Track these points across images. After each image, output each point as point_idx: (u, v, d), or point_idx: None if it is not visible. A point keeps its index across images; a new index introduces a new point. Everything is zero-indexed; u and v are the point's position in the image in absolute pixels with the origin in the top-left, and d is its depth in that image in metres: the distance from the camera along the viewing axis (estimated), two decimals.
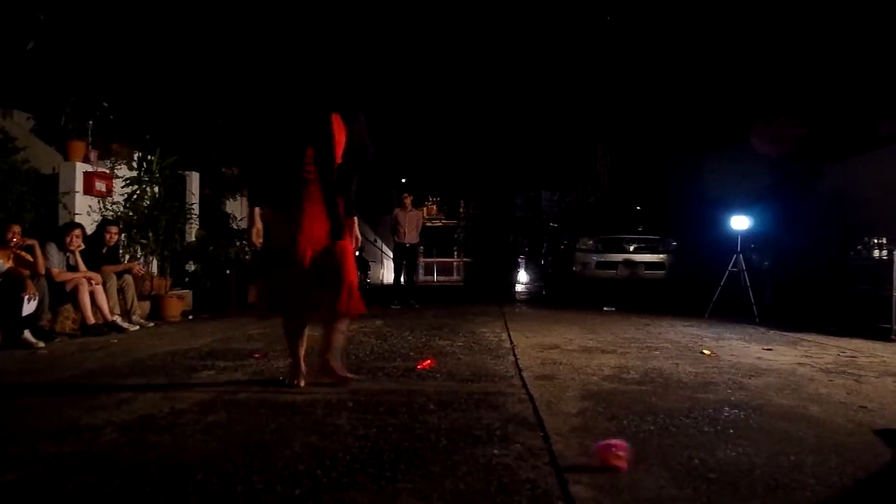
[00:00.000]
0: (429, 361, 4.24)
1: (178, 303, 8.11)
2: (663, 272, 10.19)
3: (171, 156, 8.60)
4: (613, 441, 2.20)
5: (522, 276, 15.35)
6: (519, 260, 16.28)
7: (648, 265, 10.15)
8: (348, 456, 2.26)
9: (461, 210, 22.89)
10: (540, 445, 2.41)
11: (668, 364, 4.39)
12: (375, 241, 24.38)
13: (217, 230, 10.13)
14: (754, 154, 9.78)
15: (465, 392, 3.36)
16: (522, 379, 3.76)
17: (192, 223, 9.42)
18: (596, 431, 2.61)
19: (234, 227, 10.88)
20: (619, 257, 10.12)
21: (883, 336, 6.04)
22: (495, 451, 2.32)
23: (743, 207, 8.47)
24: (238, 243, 10.16)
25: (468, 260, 19.13)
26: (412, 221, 10.07)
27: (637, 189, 14.66)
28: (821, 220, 8.91)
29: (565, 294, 10.76)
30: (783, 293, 8.66)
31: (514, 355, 4.68)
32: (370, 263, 19.37)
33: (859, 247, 6.77)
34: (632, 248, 10.21)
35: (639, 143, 15.39)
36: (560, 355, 4.71)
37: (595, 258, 10.13)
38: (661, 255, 10.22)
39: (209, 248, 9.18)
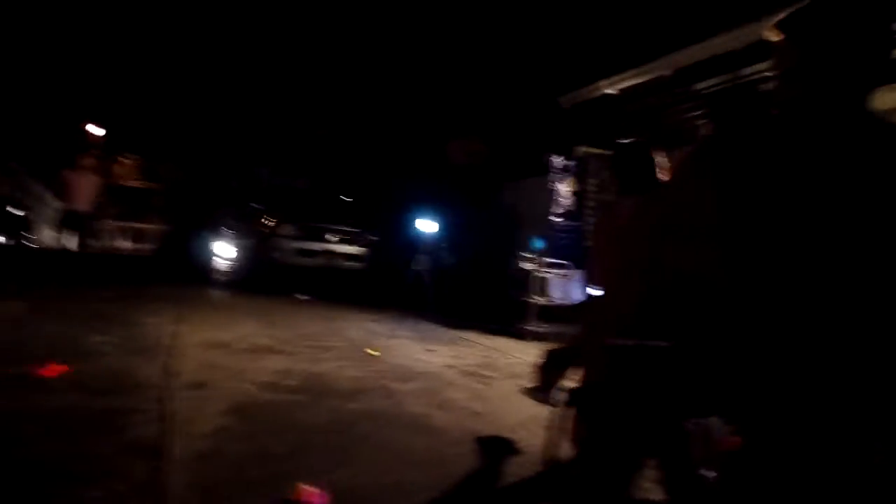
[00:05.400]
0: (56, 366, 3.63)
1: None
2: (361, 264, 10.61)
3: None
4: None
5: (224, 253, 14.51)
6: (222, 236, 15.33)
7: (348, 256, 10.46)
8: None
9: (163, 173, 20.74)
10: (150, 480, 2.23)
11: (333, 367, 4.52)
12: (41, 197, 20.59)
13: None
14: (451, 166, 10.83)
15: (90, 410, 2.98)
16: (168, 389, 3.48)
17: None
18: (224, 457, 2.54)
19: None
20: (320, 247, 10.22)
21: (522, 335, 7.10)
22: (92, 495, 2.08)
23: (436, 211, 9.24)
24: None
25: (165, 229, 17.41)
26: (87, 185, 8.76)
27: (349, 180, 15.02)
28: (496, 230, 10.25)
29: (262, 279, 10.47)
30: (461, 292, 9.72)
31: (172, 356, 4.33)
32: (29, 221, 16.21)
33: (513, 258, 7.92)
34: (333, 239, 10.40)
35: (355, 134, 15.81)
36: (225, 356, 4.51)
37: (295, 245, 10.07)
38: (361, 248, 10.62)
39: None
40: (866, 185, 1.19)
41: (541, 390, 3.20)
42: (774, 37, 1.32)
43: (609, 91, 10.05)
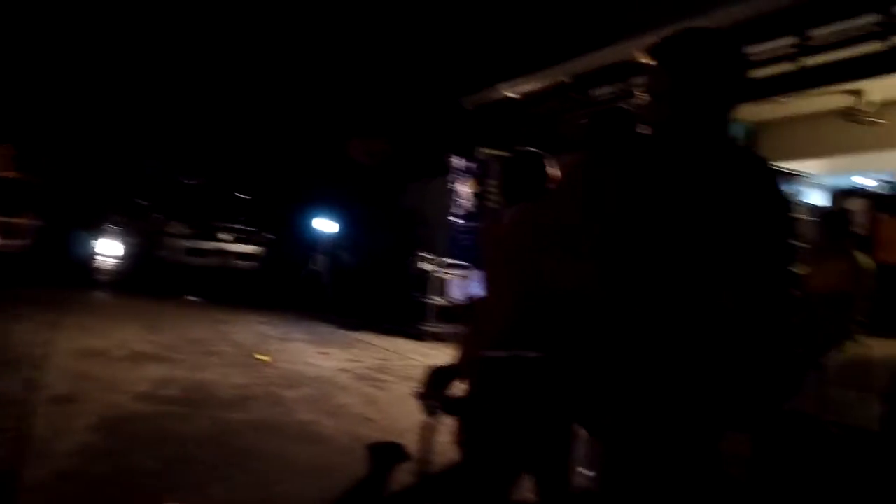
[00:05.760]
0: None
1: None
2: (256, 264, 10.29)
3: None
4: None
5: (108, 252, 13.56)
6: (106, 233, 14.31)
7: (242, 256, 10.12)
8: None
9: (41, 163, 19.06)
10: None
11: (218, 374, 4.37)
12: None
13: None
14: (352, 165, 10.76)
15: None
16: (32, 404, 3.23)
17: None
18: (86, 477, 2.40)
19: None
20: (212, 245, 9.83)
21: (421, 336, 7.14)
22: None
23: (336, 210, 9.13)
24: None
25: (41, 223, 16.02)
26: None
27: (246, 176, 14.50)
28: (396, 230, 10.27)
29: (149, 279, 9.89)
30: (360, 292, 9.64)
31: (40, 368, 4.01)
32: None
33: (413, 258, 7.96)
34: (226, 237, 10.03)
35: (253, 130, 15.33)
36: (101, 365, 4.24)
37: (186, 244, 9.61)
38: (256, 247, 10.31)
39: None
40: (726, 204, 1.31)
41: (427, 401, 3.24)
42: (647, 61, 1.42)
43: (510, 94, 10.31)
